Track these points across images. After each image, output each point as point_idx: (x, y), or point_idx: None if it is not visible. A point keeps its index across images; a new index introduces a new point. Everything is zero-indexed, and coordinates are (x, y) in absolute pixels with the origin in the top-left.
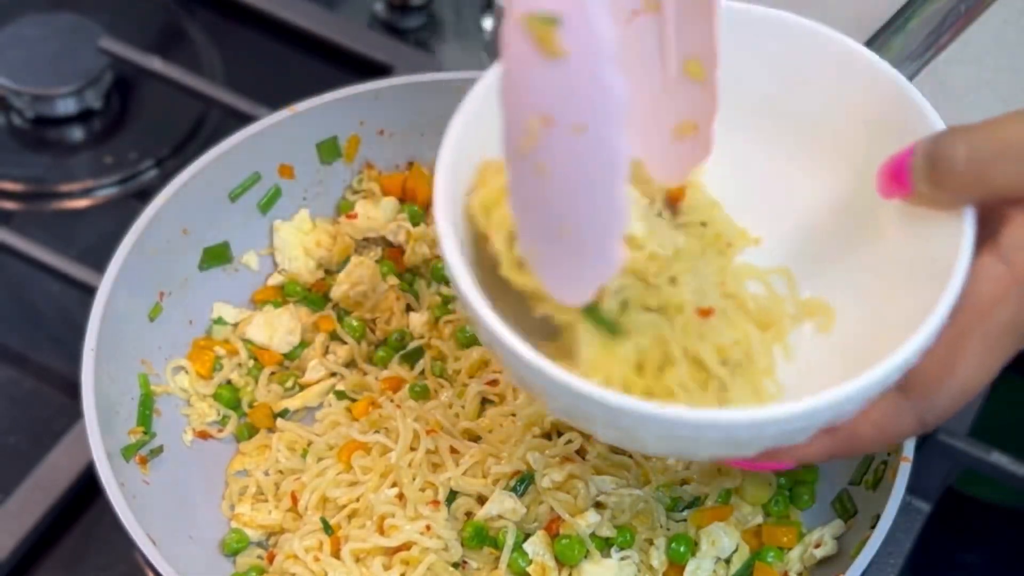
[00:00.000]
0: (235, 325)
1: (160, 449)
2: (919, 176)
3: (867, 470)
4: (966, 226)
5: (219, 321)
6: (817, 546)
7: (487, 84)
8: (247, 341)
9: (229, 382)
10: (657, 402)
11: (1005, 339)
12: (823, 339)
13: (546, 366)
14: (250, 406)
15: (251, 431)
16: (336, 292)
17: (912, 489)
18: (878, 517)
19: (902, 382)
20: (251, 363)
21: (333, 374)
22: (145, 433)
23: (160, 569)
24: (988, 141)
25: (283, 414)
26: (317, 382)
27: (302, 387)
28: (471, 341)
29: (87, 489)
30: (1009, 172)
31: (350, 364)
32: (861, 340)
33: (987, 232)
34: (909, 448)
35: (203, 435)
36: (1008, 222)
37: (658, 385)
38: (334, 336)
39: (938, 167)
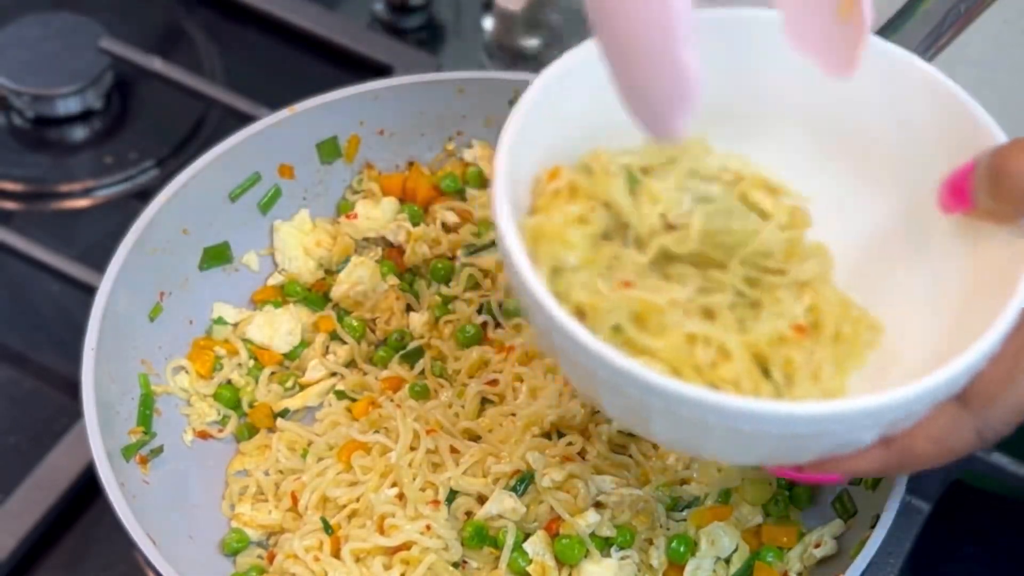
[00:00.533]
0: (235, 325)
1: (160, 449)
2: (982, 190)
3: None
4: None
5: (219, 321)
6: (817, 546)
7: (542, 84)
8: (247, 341)
9: (229, 382)
10: (720, 392)
11: None
12: (875, 355)
13: (610, 353)
14: (250, 406)
15: (251, 431)
16: (336, 292)
17: (912, 489)
18: (878, 517)
19: (962, 394)
20: (251, 363)
21: (333, 374)
22: (145, 433)
23: (160, 569)
24: None
25: (283, 414)
26: (317, 382)
27: (302, 387)
28: (471, 341)
29: (87, 489)
30: None
31: (350, 364)
32: (919, 355)
33: None
34: None
35: (203, 435)
36: None
37: (710, 378)
38: (334, 336)
39: (1003, 182)
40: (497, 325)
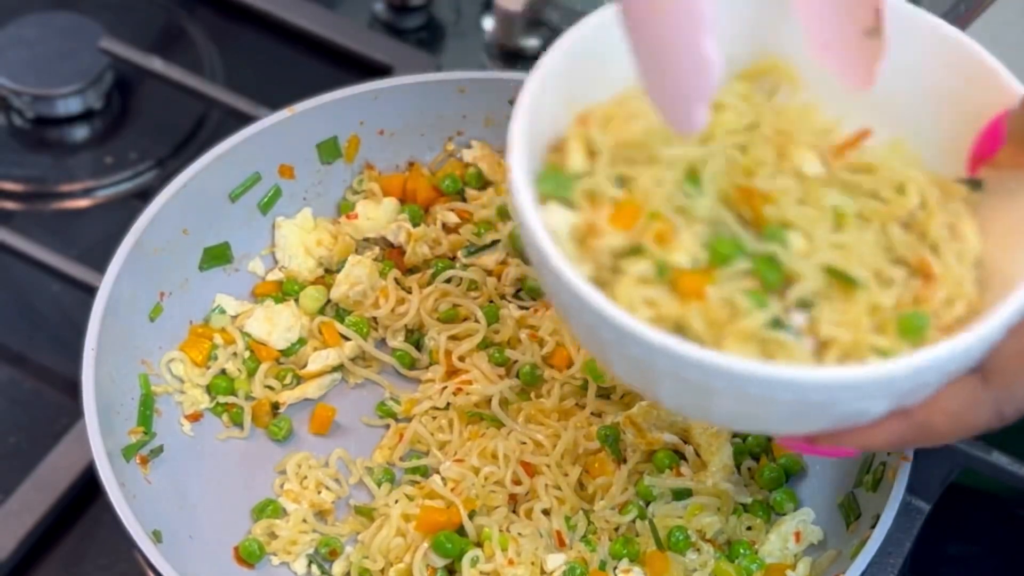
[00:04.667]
0: (235, 317)
1: (160, 449)
2: (1016, 133)
3: (868, 471)
4: None
5: (219, 310)
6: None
7: (582, 31)
8: (246, 334)
9: (223, 372)
10: (717, 352)
11: None
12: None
13: (614, 312)
14: (246, 398)
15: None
16: (336, 293)
17: (912, 489)
18: (878, 517)
19: (983, 369)
20: (247, 354)
21: (335, 368)
22: (145, 433)
23: (161, 569)
24: None
25: (276, 407)
26: (319, 374)
27: (300, 379)
28: (491, 316)
29: (87, 489)
30: None
31: (356, 358)
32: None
33: None
34: (909, 448)
35: (195, 417)
36: None
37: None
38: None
39: None
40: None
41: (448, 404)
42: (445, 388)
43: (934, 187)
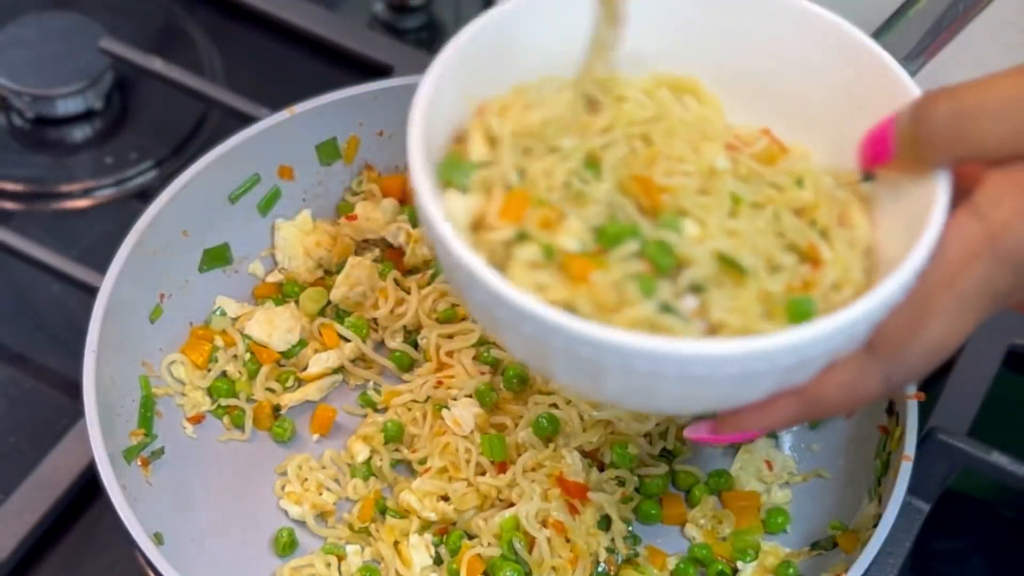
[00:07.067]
0: (235, 319)
1: (161, 451)
2: (902, 139)
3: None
4: (940, 184)
5: (219, 312)
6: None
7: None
8: (246, 336)
9: (224, 374)
10: (631, 332)
11: (977, 299)
12: None
13: (507, 290)
14: (248, 401)
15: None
16: (335, 294)
17: (912, 489)
18: (879, 517)
19: (869, 340)
20: (247, 356)
21: (335, 370)
22: (146, 435)
23: (163, 571)
24: (970, 100)
25: (277, 409)
26: (319, 376)
27: (300, 381)
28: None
29: (87, 489)
30: (990, 130)
31: (355, 360)
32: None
33: (963, 194)
34: (910, 447)
35: (196, 419)
36: (985, 181)
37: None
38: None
39: (921, 127)
40: None
41: (428, 398)
42: (426, 382)
43: (828, 177)
